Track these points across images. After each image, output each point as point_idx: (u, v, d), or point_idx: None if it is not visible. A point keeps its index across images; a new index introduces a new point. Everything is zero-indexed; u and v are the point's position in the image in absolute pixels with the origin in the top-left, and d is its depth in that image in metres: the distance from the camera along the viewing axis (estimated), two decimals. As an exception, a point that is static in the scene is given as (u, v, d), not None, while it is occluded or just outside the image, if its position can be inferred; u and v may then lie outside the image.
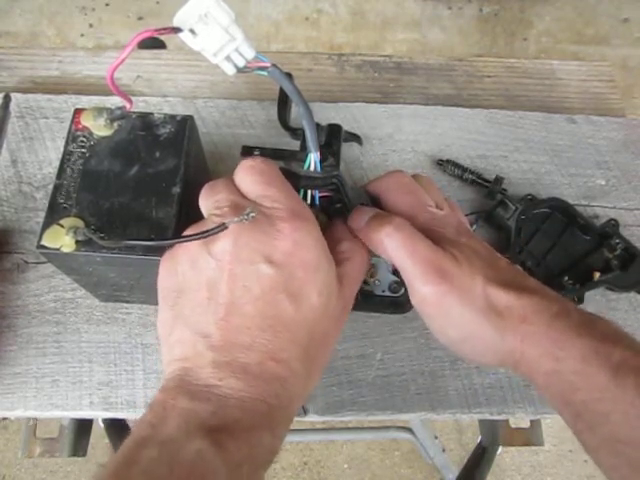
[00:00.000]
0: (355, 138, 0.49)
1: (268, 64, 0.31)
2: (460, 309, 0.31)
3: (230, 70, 0.31)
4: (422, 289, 0.31)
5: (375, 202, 0.37)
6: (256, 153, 0.42)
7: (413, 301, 0.33)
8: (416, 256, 0.31)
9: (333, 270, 0.31)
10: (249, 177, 0.31)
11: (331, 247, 0.33)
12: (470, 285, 0.31)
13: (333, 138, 0.44)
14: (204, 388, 0.27)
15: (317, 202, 0.36)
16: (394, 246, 0.32)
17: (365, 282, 0.39)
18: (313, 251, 0.30)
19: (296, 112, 0.48)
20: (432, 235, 0.33)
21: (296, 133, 0.47)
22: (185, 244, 0.30)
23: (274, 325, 0.28)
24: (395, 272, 0.40)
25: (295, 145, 0.45)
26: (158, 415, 0.26)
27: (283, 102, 0.47)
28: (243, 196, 0.31)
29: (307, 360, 0.30)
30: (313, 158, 0.34)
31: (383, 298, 0.40)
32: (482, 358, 0.33)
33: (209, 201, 0.31)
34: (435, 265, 0.31)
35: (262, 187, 0.30)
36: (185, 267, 0.30)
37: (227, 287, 0.28)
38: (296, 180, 0.34)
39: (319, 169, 0.34)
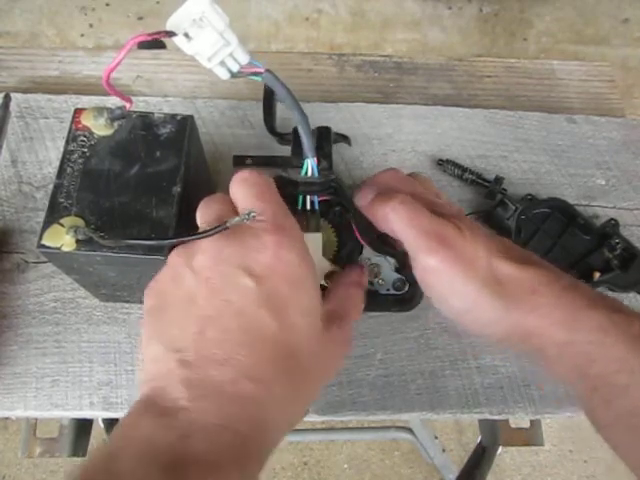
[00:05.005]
0: (344, 139, 0.49)
1: (262, 69, 0.31)
2: (463, 278, 0.31)
3: (224, 75, 0.31)
4: (425, 259, 0.31)
5: None
6: (248, 162, 0.42)
7: (416, 273, 0.33)
8: (420, 227, 0.31)
9: (318, 294, 0.30)
10: (241, 190, 0.30)
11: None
12: (473, 255, 0.31)
13: (324, 141, 0.44)
14: (171, 411, 0.24)
15: (317, 207, 0.36)
16: (398, 219, 0.32)
17: (370, 282, 0.39)
18: (297, 268, 0.28)
19: (280, 117, 0.48)
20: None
21: (283, 138, 0.47)
22: (168, 260, 0.30)
23: (252, 341, 0.26)
24: (398, 270, 0.40)
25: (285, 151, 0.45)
26: (116, 444, 0.24)
27: (268, 107, 0.47)
28: (236, 212, 0.30)
29: (290, 385, 0.28)
30: (310, 164, 0.34)
31: (387, 297, 0.40)
32: (486, 329, 0.32)
33: (203, 217, 0.31)
34: (438, 235, 0.31)
35: (252, 200, 0.30)
36: (167, 284, 0.29)
37: (206, 300, 0.27)
38: (294, 187, 0.34)
39: (316, 174, 0.34)
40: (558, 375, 0.31)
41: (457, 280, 0.31)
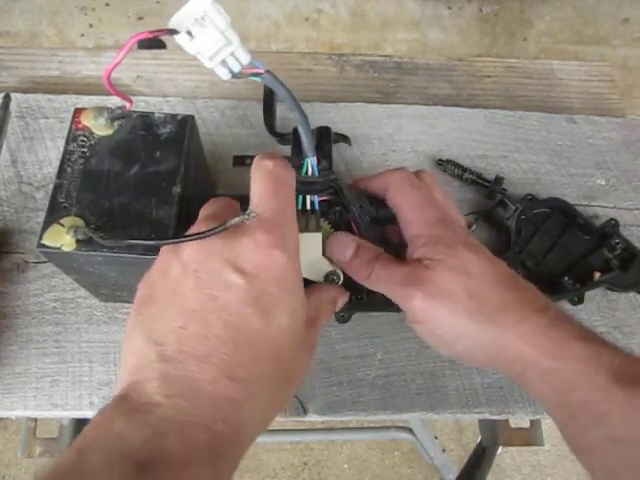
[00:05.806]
0: (344, 139, 0.49)
1: (262, 70, 0.31)
2: (446, 308, 0.32)
3: (225, 75, 0.31)
4: (409, 305, 0.33)
5: (373, 198, 0.38)
6: (248, 162, 0.42)
7: (409, 321, 0.34)
8: (396, 281, 0.33)
9: (304, 298, 0.30)
10: (260, 179, 0.30)
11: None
12: (449, 285, 0.32)
13: (324, 141, 0.44)
14: (145, 407, 0.24)
15: (317, 207, 0.36)
16: (376, 280, 0.35)
17: None
18: (288, 271, 0.28)
19: (280, 117, 0.48)
20: (438, 231, 0.34)
21: (283, 138, 0.47)
22: (160, 253, 0.29)
23: (236, 338, 0.26)
24: None
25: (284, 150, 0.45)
26: (87, 440, 0.24)
27: (268, 108, 0.47)
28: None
29: (270, 387, 0.27)
30: (310, 163, 0.34)
31: (387, 297, 0.40)
32: (473, 354, 0.33)
33: (204, 212, 0.31)
34: (410, 279, 0.32)
35: (266, 193, 0.29)
36: (156, 276, 0.29)
37: (192, 294, 0.26)
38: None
39: (317, 174, 0.35)
40: (537, 398, 0.32)
41: (441, 312, 0.32)
